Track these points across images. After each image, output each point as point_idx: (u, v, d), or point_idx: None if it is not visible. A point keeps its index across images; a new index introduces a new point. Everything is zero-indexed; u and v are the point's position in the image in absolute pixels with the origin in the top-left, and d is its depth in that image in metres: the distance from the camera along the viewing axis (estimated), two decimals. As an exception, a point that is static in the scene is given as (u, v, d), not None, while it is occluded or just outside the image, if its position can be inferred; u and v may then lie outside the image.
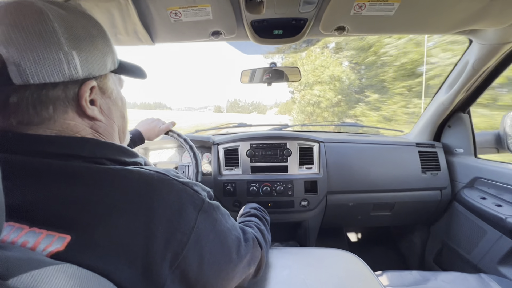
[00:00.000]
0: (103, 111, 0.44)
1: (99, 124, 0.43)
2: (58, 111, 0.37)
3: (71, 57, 0.36)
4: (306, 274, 0.65)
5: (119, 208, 0.34)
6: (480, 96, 1.24)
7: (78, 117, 0.40)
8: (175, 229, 0.36)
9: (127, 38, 0.87)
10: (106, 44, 0.43)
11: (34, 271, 0.24)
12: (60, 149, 0.36)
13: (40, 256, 0.28)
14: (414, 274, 0.96)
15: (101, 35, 0.42)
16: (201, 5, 0.74)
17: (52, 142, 0.37)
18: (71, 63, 0.36)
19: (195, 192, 0.41)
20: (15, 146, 0.36)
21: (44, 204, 0.32)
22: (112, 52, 0.44)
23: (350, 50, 8.13)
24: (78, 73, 0.37)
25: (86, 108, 0.40)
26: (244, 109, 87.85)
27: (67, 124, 0.39)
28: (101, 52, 0.41)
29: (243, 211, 0.79)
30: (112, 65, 0.44)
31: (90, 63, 0.39)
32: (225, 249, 0.43)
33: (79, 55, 0.37)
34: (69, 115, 0.39)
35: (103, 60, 0.42)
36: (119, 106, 0.48)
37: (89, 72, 0.39)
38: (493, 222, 1.06)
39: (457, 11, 0.77)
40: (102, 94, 0.43)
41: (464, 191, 1.26)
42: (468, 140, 1.30)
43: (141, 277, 0.33)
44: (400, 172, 1.31)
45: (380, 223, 1.47)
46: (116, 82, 0.48)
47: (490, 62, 1.03)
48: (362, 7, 0.75)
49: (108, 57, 0.43)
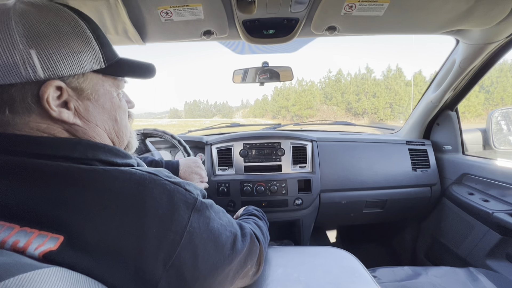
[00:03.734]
0: (79, 113, 0.40)
1: (75, 127, 0.40)
2: (16, 114, 0.35)
3: (28, 56, 0.34)
4: (300, 272, 0.65)
5: (110, 208, 0.33)
6: (467, 94, 1.27)
7: (48, 119, 0.37)
8: (167, 229, 0.36)
9: (117, 37, 0.85)
10: (82, 42, 0.39)
11: (21, 275, 0.24)
12: (47, 150, 0.36)
13: (29, 260, 0.28)
14: (406, 270, 0.98)
15: (75, 33, 0.38)
16: (192, 4, 0.74)
17: (41, 142, 0.36)
18: (27, 62, 0.34)
19: (188, 191, 0.41)
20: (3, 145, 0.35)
21: (35, 204, 0.32)
22: (94, 50, 0.40)
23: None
24: (37, 73, 0.35)
25: (50, 110, 0.36)
26: (206, 112, 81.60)
27: (37, 126, 0.37)
28: (73, 50, 0.37)
29: (243, 212, 0.79)
30: (94, 64, 0.40)
31: (55, 62, 0.36)
32: (219, 246, 0.43)
33: (39, 54, 0.34)
34: (32, 118, 0.36)
35: (76, 59, 0.38)
36: (106, 108, 0.44)
37: (54, 72, 0.36)
38: (481, 216, 1.09)
39: (444, 12, 0.78)
40: (78, 96, 0.40)
41: (452, 187, 1.29)
42: (456, 137, 1.34)
43: (133, 277, 0.32)
44: (391, 169, 1.34)
45: (372, 220, 1.49)
46: (104, 82, 0.43)
47: (476, 61, 1.06)
48: (352, 7, 0.76)
49: (85, 56, 0.39)
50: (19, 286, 0.23)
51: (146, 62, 0.49)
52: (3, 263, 0.25)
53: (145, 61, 0.49)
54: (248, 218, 0.68)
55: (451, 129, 1.34)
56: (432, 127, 1.45)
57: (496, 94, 20.78)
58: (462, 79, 1.16)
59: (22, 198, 0.32)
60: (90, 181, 0.34)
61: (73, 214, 0.32)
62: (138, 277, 0.33)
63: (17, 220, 0.30)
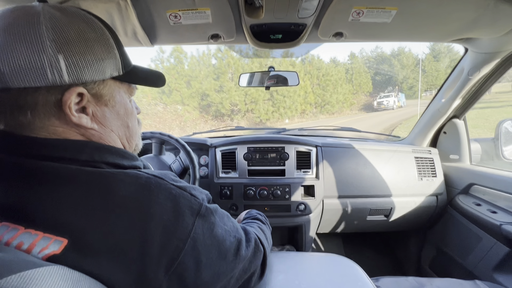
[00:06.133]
0: (96, 119, 0.41)
1: (91, 132, 0.40)
2: (37, 117, 0.36)
3: (56, 62, 0.34)
4: (301, 279, 0.64)
5: (116, 212, 0.33)
6: (476, 102, 1.25)
7: (65, 124, 0.38)
8: (171, 235, 0.35)
9: (126, 39, 0.87)
10: (106, 50, 0.40)
11: (24, 272, 0.24)
12: (58, 152, 0.36)
13: (32, 258, 0.28)
14: (410, 280, 0.96)
15: (100, 40, 0.39)
16: (201, 8, 0.75)
17: (49, 144, 0.36)
18: (54, 67, 0.34)
19: (193, 196, 0.40)
20: (8, 147, 0.35)
21: (40, 206, 0.32)
22: (115, 58, 0.41)
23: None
24: (63, 78, 0.35)
25: (70, 115, 0.37)
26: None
27: (54, 129, 0.37)
28: (97, 57, 0.38)
29: (245, 215, 0.78)
30: (113, 71, 0.41)
31: (81, 68, 0.37)
32: (222, 252, 0.42)
33: (66, 59, 0.35)
34: (51, 121, 0.37)
35: (99, 66, 0.39)
36: (121, 114, 0.45)
37: (78, 78, 0.36)
38: (488, 228, 1.07)
39: (453, 20, 0.78)
40: (97, 101, 0.41)
41: (459, 197, 1.27)
42: (463, 146, 1.32)
43: (135, 282, 0.32)
44: (396, 177, 1.32)
45: (376, 228, 1.47)
46: (120, 89, 0.44)
47: (485, 70, 1.05)
48: (360, 13, 0.76)
49: (107, 63, 0.40)
50: (21, 283, 0.23)
51: (157, 71, 0.50)
52: (7, 260, 0.25)
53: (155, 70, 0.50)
54: (252, 222, 0.68)
55: (459, 138, 1.32)
56: (439, 135, 1.43)
57: (355, 81, 24.04)
58: (470, 87, 1.15)
59: (27, 200, 0.32)
60: (95, 185, 0.34)
61: (78, 217, 0.32)
62: (140, 281, 0.33)
63: (22, 222, 0.31)
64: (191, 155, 1.08)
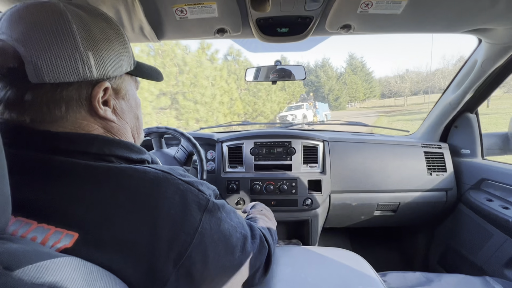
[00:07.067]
0: (116, 111, 0.44)
1: (111, 124, 0.43)
2: (70, 111, 0.38)
3: (87, 58, 0.37)
4: (308, 272, 0.64)
5: (125, 207, 0.34)
6: (489, 96, 1.21)
7: (90, 116, 0.40)
8: (179, 229, 0.36)
9: (133, 35, 0.87)
10: (123, 45, 0.43)
11: (39, 263, 0.25)
12: (69, 146, 0.37)
13: (46, 249, 0.29)
14: (418, 275, 0.95)
15: (118, 37, 0.42)
16: (207, 2, 0.74)
17: (61, 138, 0.37)
18: (86, 63, 0.37)
19: (200, 192, 0.41)
20: (26, 141, 0.36)
21: (52, 201, 0.33)
22: (129, 53, 0.45)
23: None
24: (93, 74, 0.38)
25: (98, 108, 0.40)
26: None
27: (80, 123, 0.39)
28: (117, 53, 0.41)
29: (251, 209, 0.79)
30: (128, 66, 0.45)
31: (105, 64, 0.39)
32: (229, 247, 0.43)
33: (94, 56, 0.38)
34: (81, 115, 0.39)
35: (119, 62, 0.42)
36: (133, 107, 0.48)
37: (104, 73, 0.39)
38: (500, 224, 1.05)
39: (466, 9, 0.75)
40: (116, 95, 0.44)
41: (470, 193, 1.24)
42: (475, 141, 1.28)
43: (145, 275, 0.33)
44: (405, 172, 1.30)
45: (384, 223, 1.46)
46: (131, 83, 0.48)
47: (499, 62, 1.01)
48: (369, 5, 0.74)
49: (124, 58, 0.43)
50: (38, 273, 0.24)
51: (155, 67, 0.54)
52: (23, 250, 0.26)
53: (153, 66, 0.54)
54: (257, 219, 0.68)
55: (470, 132, 1.29)
56: (449, 129, 1.40)
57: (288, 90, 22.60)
58: (483, 80, 1.11)
59: (39, 195, 0.33)
60: (105, 179, 0.35)
61: (88, 211, 0.33)
62: (150, 274, 0.33)
63: (35, 217, 0.32)
64: (198, 147, 1.09)
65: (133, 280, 0.32)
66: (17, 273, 0.23)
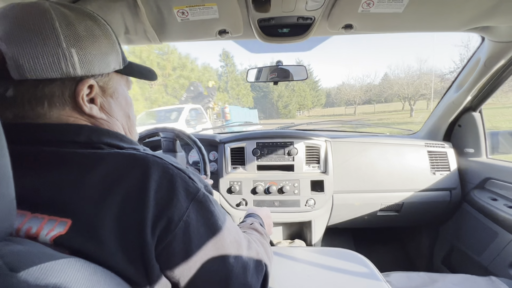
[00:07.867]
0: (103, 109, 0.44)
1: (100, 121, 0.43)
2: (53, 107, 0.38)
3: (70, 55, 0.37)
4: (311, 272, 0.64)
5: (113, 190, 0.34)
6: (492, 94, 1.20)
7: (77, 113, 0.40)
8: (163, 213, 0.35)
9: (136, 37, 0.88)
10: (111, 45, 0.43)
11: (43, 264, 0.25)
12: (56, 136, 0.37)
13: (49, 249, 0.29)
14: (422, 276, 0.94)
15: (105, 36, 0.42)
16: (208, 4, 0.74)
17: (48, 128, 0.37)
18: (69, 60, 0.37)
19: (191, 179, 0.39)
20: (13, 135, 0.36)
21: (43, 190, 0.33)
22: (117, 53, 0.44)
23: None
24: (76, 71, 0.38)
25: (83, 105, 0.40)
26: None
27: (67, 119, 0.39)
28: (103, 52, 0.41)
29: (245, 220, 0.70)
30: (116, 65, 0.44)
31: (90, 61, 0.39)
32: (220, 248, 0.40)
33: (78, 53, 0.38)
34: (65, 112, 0.39)
35: (105, 60, 0.42)
36: (123, 105, 0.48)
37: (89, 71, 0.39)
38: (505, 224, 1.04)
39: (469, 7, 0.75)
40: (103, 93, 0.43)
41: (474, 192, 1.23)
42: (479, 140, 1.27)
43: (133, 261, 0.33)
44: (408, 172, 1.29)
45: (387, 223, 1.45)
46: (121, 82, 0.47)
47: (503, 60, 1.00)
48: (370, 4, 0.74)
49: (111, 57, 0.43)
50: (41, 274, 0.25)
51: (148, 66, 0.53)
52: (28, 252, 0.26)
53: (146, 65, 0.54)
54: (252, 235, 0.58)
55: (474, 131, 1.28)
56: (453, 128, 1.39)
57: (231, 91, 21.50)
58: (487, 78, 1.10)
59: (30, 186, 0.33)
60: (92, 164, 0.35)
61: (78, 197, 0.33)
62: (137, 260, 0.33)
63: (28, 207, 0.32)
64: (203, 151, 1.09)
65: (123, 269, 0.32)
66: (21, 274, 0.24)
